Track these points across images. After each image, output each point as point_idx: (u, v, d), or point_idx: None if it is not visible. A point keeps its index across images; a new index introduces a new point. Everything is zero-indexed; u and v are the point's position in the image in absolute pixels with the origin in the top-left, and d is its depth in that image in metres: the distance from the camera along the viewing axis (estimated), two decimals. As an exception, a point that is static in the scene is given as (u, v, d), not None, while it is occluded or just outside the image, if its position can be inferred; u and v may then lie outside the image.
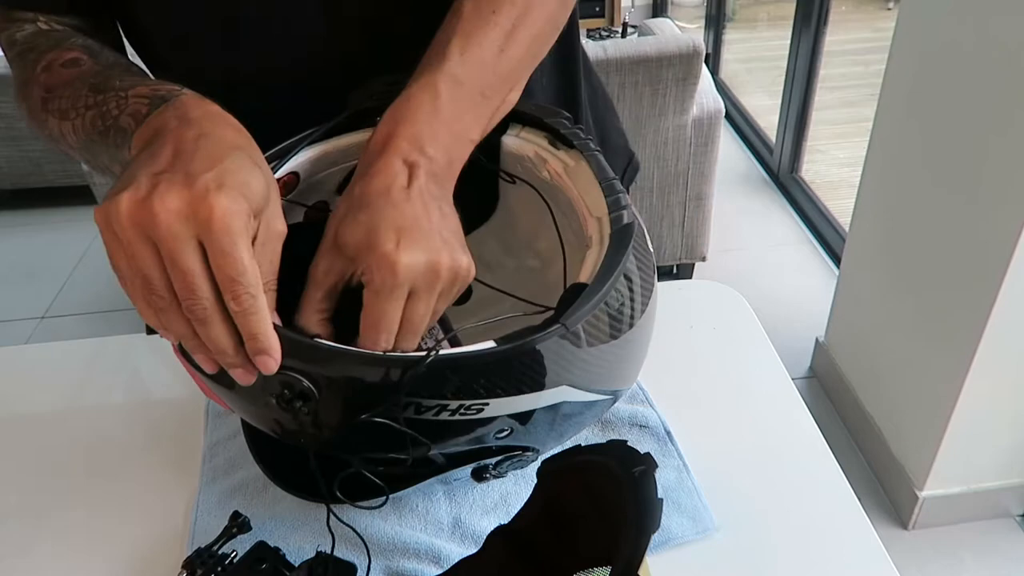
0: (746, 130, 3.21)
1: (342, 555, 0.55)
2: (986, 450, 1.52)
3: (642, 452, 0.45)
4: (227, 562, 0.53)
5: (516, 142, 0.59)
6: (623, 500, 0.43)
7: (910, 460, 1.60)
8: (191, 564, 0.52)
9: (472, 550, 0.57)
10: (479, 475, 0.61)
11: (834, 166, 2.96)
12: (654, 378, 0.74)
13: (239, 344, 0.41)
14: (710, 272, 2.35)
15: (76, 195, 2.78)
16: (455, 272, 0.46)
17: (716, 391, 0.75)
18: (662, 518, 0.42)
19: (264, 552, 0.54)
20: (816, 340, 1.99)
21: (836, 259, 2.38)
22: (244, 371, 0.42)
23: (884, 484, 1.70)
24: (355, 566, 0.55)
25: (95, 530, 0.65)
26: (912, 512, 1.60)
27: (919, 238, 1.51)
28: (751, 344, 0.81)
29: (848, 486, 0.65)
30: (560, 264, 0.62)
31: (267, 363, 0.41)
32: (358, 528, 0.61)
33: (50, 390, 0.80)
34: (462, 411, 0.45)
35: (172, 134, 0.42)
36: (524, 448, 0.55)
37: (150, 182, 0.38)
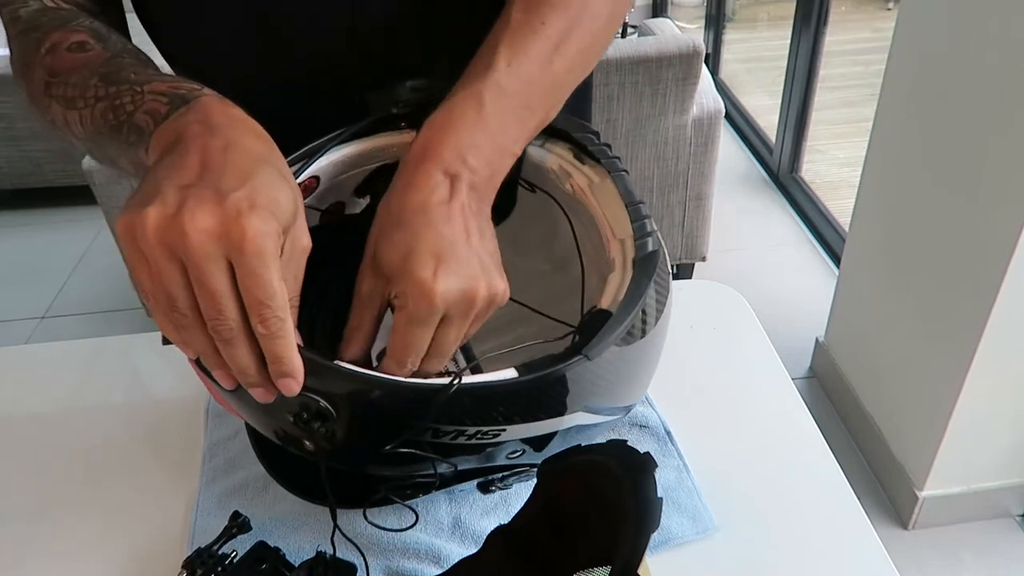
0: (746, 130, 3.21)
1: (342, 555, 0.55)
2: (986, 450, 1.52)
3: (642, 452, 0.45)
4: (227, 562, 0.53)
5: (540, 153, 0.58)
6: (623, 500, 0.43)
7: (910, 460, 1.60)
8: (191, 564, 0.52)
9: (472, 550, 0.57)
10: (485, 488, 0.62)
11: (834, 166, 2.96)
12: (654, 378, 0.74)
13: (262, 365, 0.40)
14: (710, 272, 2.35)
15: (76, 195, 2.77)
16: (491, 299, 0.46)
17: (716, 391, 0.75)
18: (662, 518, 0.42)
19: (264, 552, 0.54)
20: (816, 340, 1.99)
21: (836, 259, 2.38)
22: (264, 391, 0.41)
23: (884, 484, 1.70)
24: (355, 566, 0.55)
25: (95, 530, 0.65)
26: (912, 512, 1.60)
27: (919, 238, 1.51)
28: (751, 344, 0.81)
29: (848, 486, 0.65)
30: (573, 271, 0.62)
31: (290, 385, 0.40)
32: (358, 528, 0.61)
33: (50, 390, 0.80)
34: (479, 436, 0.45)
35: (196, 142, 0.40)
36: (533, 465, 0.55)
37: (178, 197, 0.37)
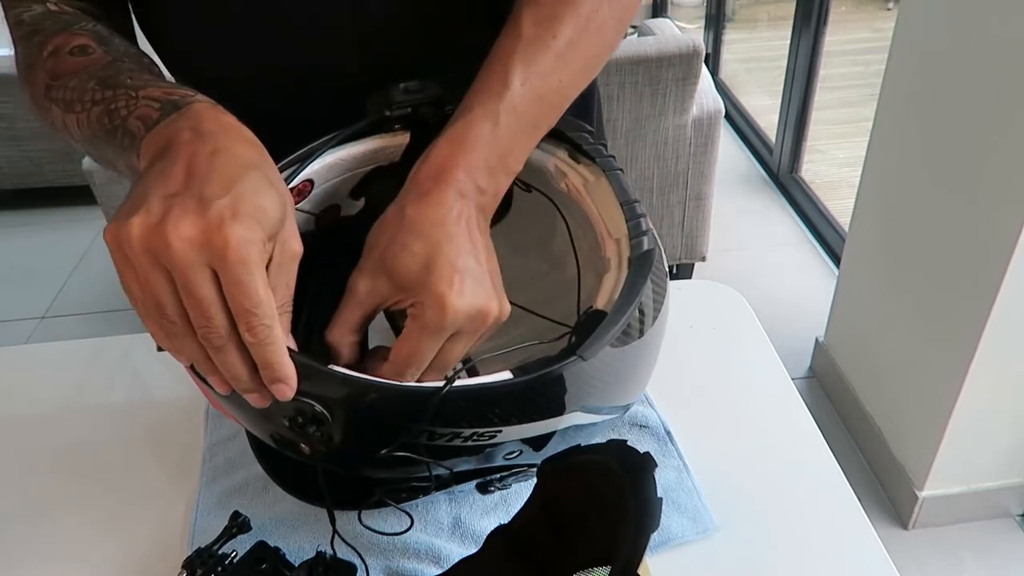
0: (746, 130, 3.21)
1: (342, 555, 0.55)
2: (986, 450, 1.52)
3: (642, 452, 0.45)
4: (227, 562, 0.53)
5: (536, 153, 0.58)
6: (623, 500, 0.43)
7: (910, 460, 1.60)
8: (191, 564, 0.52)
9: (472, 550, 0.57)
10: (484, 488, 0.62)
11: (834, 166, 2.96)
12: (654, 378, 0.73)
13: (254, 370, 0.40)
14: (710, 272, 2.35)
15: (76, 195, 2.77)
16: (499, 319, 0.47)
17: (716, 391, 0.75)
18: (662, 518, 0.42)
19: (264, 552, 0.54)
20: (816, 340, 1.99)
21: (836, 259, 2.38)
22: (259, 396, 0.42)
23: (884, 484, 1.70)
24: (355, 566, 0.55)
25: (95, 529, 0.65)
26: (912, 512, 1.60)
27: (919, 238, 1.51)
28: (751, 344, 0.81)
29: (848, 486, 0.65)
30: (569, 271, 0.62)
31: (283, 391, 0.41)
32: (359, 528, 0.61)
33: (50, 390, 0.80)
34: (475, 438, 0.45)
35: (184, 149, 0.41)
36: (531, 465, 0.55)
37: (163, 206, 0.37)
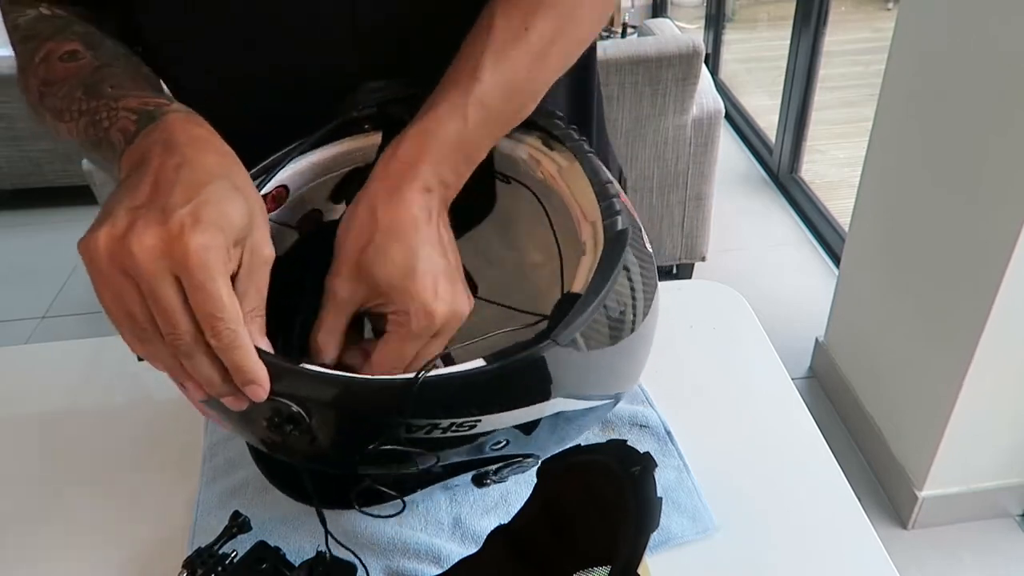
0: (746, 130, 3.21)
1: (342, 555, 0.55)
2: (985, 450, 1.52)
3: (642, 452, 0.45)
4: (227, 562, 0.53)
5: (509, 143, 0.58)
6: (623, 500, 0.43)
7: (910, 460, 1.60)
8: (191, 564, 0.52)
9: (472, 550, 0.57)
10: (479, 481, 0.62)
11: (834, 166, 2.96)
12: (654, 378, 0.74)
13: (226, 374, 0.41)
14: (710, 272, 2.35)
15: (76, 195, 2.77)
16: (466, 316, 0.48)
17: (716, 391, 0.75)
18: (662, 518, 0.42)
19: (264, 552, 0.54)
20: (816, 340, 1.99)
21: (836, 259, 2.38)
22: (234, 399, 0.42)
23: (884, 484, 1.70)
24: (355, 566, 0.55)
25: (95, 530, 0.65)
26: (912, 512, 1.60)
27: (919, 238, 1.51)
28: (751, 344, 0.81)
29: (848, 486, 0.65)
30: (558, 262, 0.62)
31: (256, 392, 0.41)
32: (359, 528, 0.61)
33: (50, 390, 0.80)
34: (454, 428, 0.45)
35: (154, 162, 0.42)
36: (525, 455, 0.55)
37: (128, 218, 0.39)
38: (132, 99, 0.48)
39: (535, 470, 0.53)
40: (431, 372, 0.42)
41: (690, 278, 2.31)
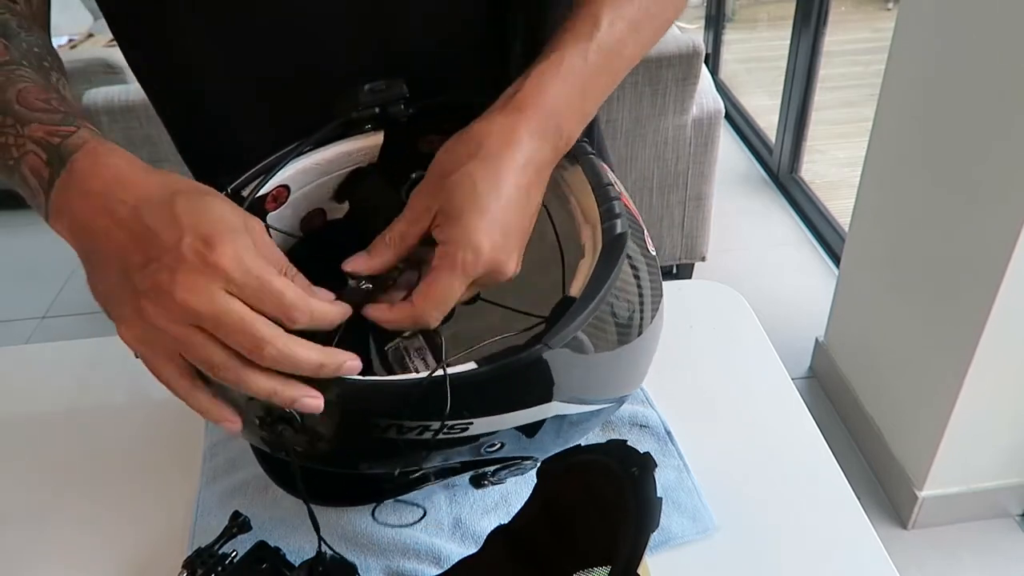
0: (746, 130, 3.21)
1: (342, 555, 0.55)
2: (985, 450, 1.52)
3: (642, 452, 0.45)
4: (227, 562, 0.53)
5: None
6: (623, 500, 0.43)
7: (910, 460, 1.60)
8: (191, 564, 0.52)
9: (472, 550, 0.57)
10: (477, 482, 0.62)
11: (834, 166, 2.96)
12: (654, 378, 0.73)
13: (286, 377, 0.42)
14: (710, 272, 2.35)
15: (76, 195, 2.77)
16: (505, 279, 0.47)
17: (716, 391, 0.75)
18: (662, 518, 0.42)
19: (264, 552, 0.54)
20: (816, 340, 1.99)
21: (836, 259, 2.38)
22: (311, 399, 0.42)
23: (884, 484, 1.70)
24: (355, 566, 0.55)
25: (95, 530, 0.65)
26: (911, 512, 1.60)
27: (919, 238, 1.51)
28: (751, 344, 0.81)
29: (848, 486, 0.65)
30: (560, 265, 0.62)
31: (343, 368, 0.42)
32: (360, 528, 0.61)
33: (50, 390, 0.80)
34: (445, 431, 0.45)
35: (99, 228, 0.41)
36: (523, 457, 0.55)
37: (147, 283, 0.40)
38: (36, 127, 0.45)
39: (535, 470, 0.53)
40: (422, 374, 0.43)
41: (690, 278, 2.31)
